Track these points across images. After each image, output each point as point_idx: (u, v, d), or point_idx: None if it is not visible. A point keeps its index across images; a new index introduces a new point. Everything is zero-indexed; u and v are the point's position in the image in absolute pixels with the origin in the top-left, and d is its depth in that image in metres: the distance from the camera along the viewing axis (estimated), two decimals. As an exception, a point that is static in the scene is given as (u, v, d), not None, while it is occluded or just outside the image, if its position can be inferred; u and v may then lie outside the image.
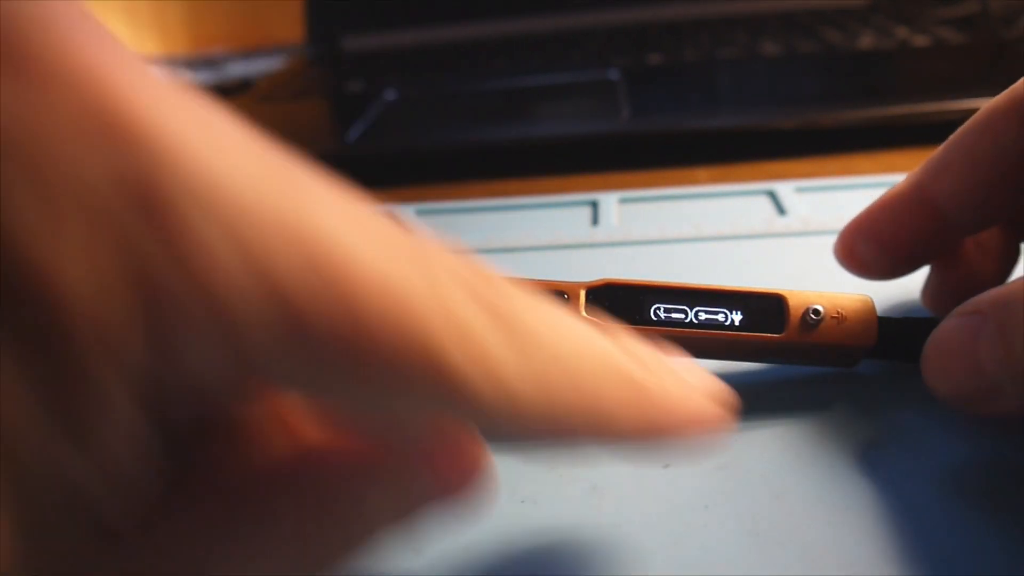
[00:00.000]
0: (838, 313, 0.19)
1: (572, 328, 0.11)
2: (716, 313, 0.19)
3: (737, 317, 0.19)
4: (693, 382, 0.13)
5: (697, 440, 0.13)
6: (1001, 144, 0.17)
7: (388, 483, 0.11)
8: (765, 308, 0.19)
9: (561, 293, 0.19)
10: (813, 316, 0.19)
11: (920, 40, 0.51)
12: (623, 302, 0.19)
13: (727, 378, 0.20)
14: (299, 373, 0.09)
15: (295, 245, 0.08)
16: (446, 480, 0.12)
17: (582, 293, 0.19)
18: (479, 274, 0.11)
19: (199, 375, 0.09)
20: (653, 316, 0.19)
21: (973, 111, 0.18)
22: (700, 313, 0.19)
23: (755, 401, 0.20)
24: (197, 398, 0.09)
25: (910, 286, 0.22)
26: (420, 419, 0.11)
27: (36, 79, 0.07)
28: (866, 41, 0.52)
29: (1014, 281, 0.16)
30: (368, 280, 0.09)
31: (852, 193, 0.32)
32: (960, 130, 0.18)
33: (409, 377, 0.09)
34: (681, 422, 0.12)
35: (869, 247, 0.20)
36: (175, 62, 0.92)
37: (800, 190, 0.33)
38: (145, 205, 0.07)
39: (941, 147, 0.19)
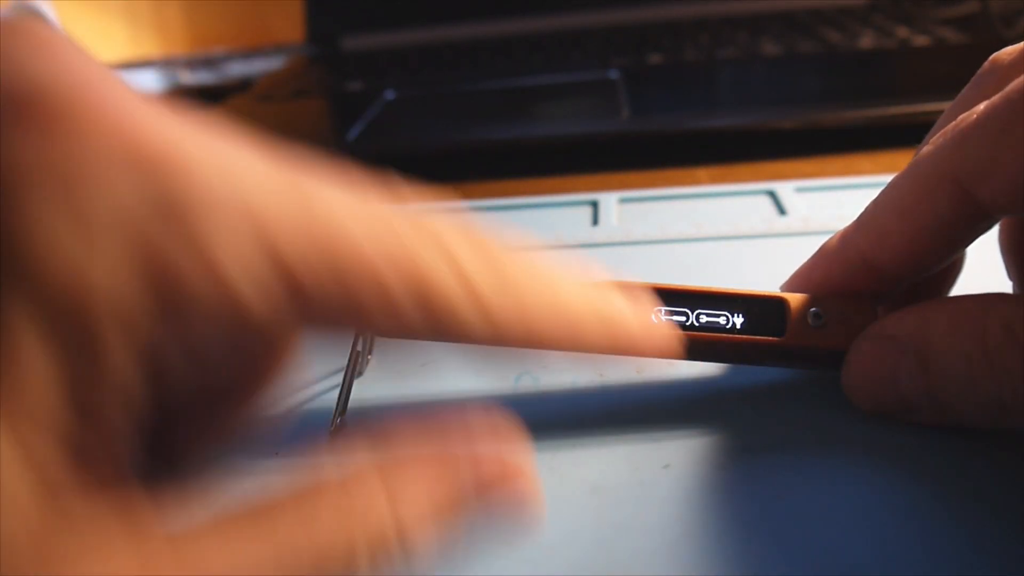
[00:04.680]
0: (839, 316, 0.19)
1: (548, 267, 0.14)
2: (717, 316, 0.19)
3: (738, 320, 0.19)
4: (651, 320, 0.16)
5: (651, 356, 0.16)
6: (942, 214, 0.17)
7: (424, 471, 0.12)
8: (766, 311, 0.19)
9: (561, 294, 0.19)
10: (815, 319, 0.18)
11: (920, 40, 0.51)
12: (624, 303, 0.19)
13: (729, 380, 0.21)
14: (297, 323, 0.11)
15: (294, 226, 0.11)
16: (486, 481, 0.13)
17: (582, 294, 0.19)
18: (469, 233, 0.13)
19: (204, 344, 0.11)
20: (654, 318, 0.19)
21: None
22: (701, 315, 0.19)
23: (756, 403, 0.20)
24: (199, 367, 0.11)
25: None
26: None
27: (83, 129, 0.10)
28: (866, 41, 0.52)
29: (928, 305, 0.17)
30: (357, 241, 0.11)
31: (852, 193, 0.32)
32: (894, 191, 0.18)
33: (396, 306, 0.11)
34: (639, 344, 0.16)
35: None
36: (175, 62, 0.92)
37: (800, 190, 0.33)
38: (164, 211, 0.10)
39: (875, 208, 0.18)
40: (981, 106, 0.16)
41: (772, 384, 0.20)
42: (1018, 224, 0.19)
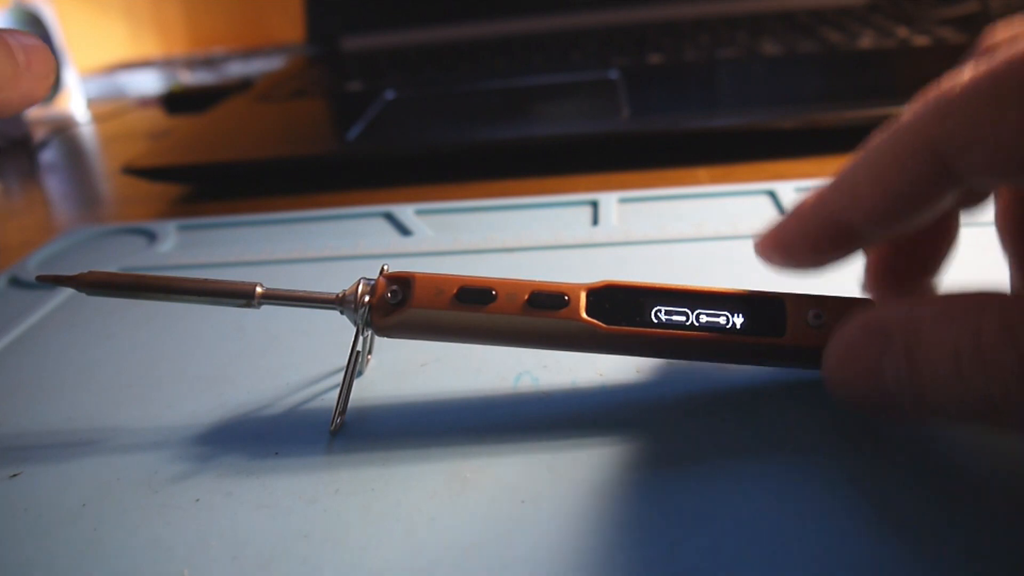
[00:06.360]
0: (840, 316, 0.19)
1: None
2: (717, 316, 0.19)
3: (738, 320, 0.19)
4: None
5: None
6: (916, 181, 0.17)
7: None
8: (766, 311, 0.19)
9: (561, 294, 0.19)
10: (814, 319, 0.18)
11: (920, 40, 0.51)
12: (624, 304, 0.19)
13: (728, 380, 0.21)
14: None
15: None
16: None
17: (583, 295, 0.19)
18: None
19: None
20: (654, 318, 0.19)
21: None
22: (701, 316, 0.19)
23: (756, 404, 0.20)
24: None
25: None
26: None
27: None
28: (866, 41, 0.52)
29: (919, 297, 0.16)
30: None
31: (852, 193, 0.32)
32: (872, 154, 0.18)
33: None
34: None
35: (788, 262, 0.20)
36: (175, 62, 0.92)
37: (800, 190, 0.33)
38: None
39: (852, 169, 0.18)
40: (966, 77, 0.16)
41: (771, 384, 0.20)
42: (1014, 205, 0.19)
